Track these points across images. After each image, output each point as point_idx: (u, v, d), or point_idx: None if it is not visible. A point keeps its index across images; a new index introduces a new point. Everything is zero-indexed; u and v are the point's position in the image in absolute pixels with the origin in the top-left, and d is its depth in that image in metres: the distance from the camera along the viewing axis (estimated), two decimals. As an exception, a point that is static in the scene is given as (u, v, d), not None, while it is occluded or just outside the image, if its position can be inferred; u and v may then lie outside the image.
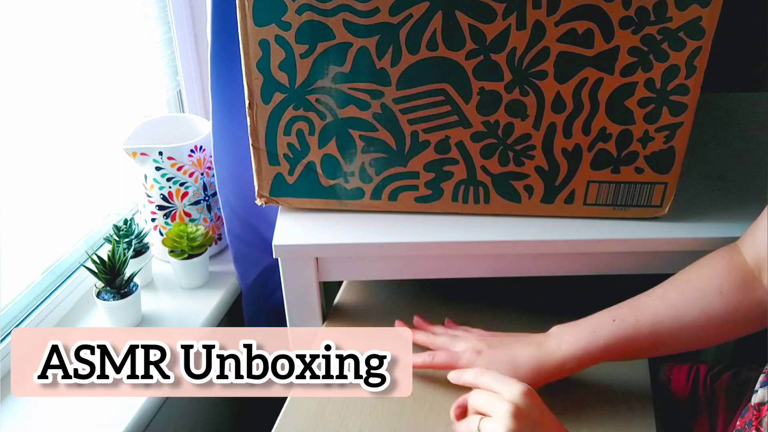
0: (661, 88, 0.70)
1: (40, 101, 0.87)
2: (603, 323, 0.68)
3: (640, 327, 0.67)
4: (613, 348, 0.67)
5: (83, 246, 0.98)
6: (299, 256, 0.77)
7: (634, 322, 0.67)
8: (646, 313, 0.68)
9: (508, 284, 0.90)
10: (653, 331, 0.67)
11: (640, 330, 0.67)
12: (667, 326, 0.67)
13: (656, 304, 0.68)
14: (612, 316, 0.69)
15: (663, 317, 0.67)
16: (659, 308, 0.68)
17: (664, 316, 0.67)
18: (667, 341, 0.68)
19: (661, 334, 0.67)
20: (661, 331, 0.67)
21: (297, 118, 0.74)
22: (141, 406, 0.81)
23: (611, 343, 0.67)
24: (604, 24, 0.67)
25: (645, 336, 0.67)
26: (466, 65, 0.70)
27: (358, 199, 0.79)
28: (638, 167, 0.75)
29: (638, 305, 0.69)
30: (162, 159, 0.95)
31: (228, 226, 0.98)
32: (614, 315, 0.69)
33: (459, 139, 0.74)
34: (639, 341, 0.67)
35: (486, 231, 0.77)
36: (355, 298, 0.91)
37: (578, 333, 0.68)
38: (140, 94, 1.04)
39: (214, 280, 1.03)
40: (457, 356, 0.70)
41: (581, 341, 0.67)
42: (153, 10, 1.03)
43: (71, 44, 0.90)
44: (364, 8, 0.67)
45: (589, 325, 0.69)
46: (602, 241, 0.76)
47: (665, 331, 0.67)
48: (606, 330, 0.67)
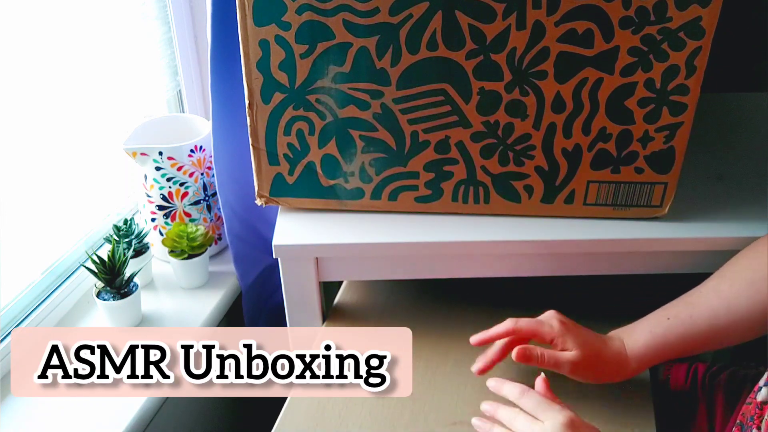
0: (661, 88, 0.70)
1: (40, 101, 0.87)
2: (658, 323, 0.69)
3: (696, 323, 0.68)
4: (671, 346, 0.68)
5: (83, 246, 0.98)
6: (299, 256, 0.77)
7: (689, 318, 0.68)
8: (700, 308, 0.68)
9: (508, 284, 0.90)
10: (709, 325, 0.67)
11: (695, 326, 0.68)
12: (722, 320, 0.67)
13: (709, 299, 0.69)
14: (666, 314, 0.69)
15: (717, 311, 0.67)
16: (712, 302, 0.68)
17: (718, 309, 0.67)
18: (721, 335, 0.68)
19: (716, 328, 0.67)
20: (717, 325, 0.67)
21: (297, 118, 0.74)
22: (141, 406, 0.81)
23: (669, 342, 0.68)
24: (604, 24, 0.67)
25: (701, 331, 0.68)
26: (466, 65, 0.70)
27: (358, 199, 0.79)
28: (638, 167, 0.75)
29: (691, 301, 0.70)
30: (162, 159, 0.95)
31: (228, 226, 0.98)
32: (669, 314, 0.69)
33: (459, 139, 0.74)
34: (695, 337, 0.68)
35: (486, 231, 0.77)
36: (355, 298, 0.91)
37: (637, 334, 0.69)
38: (140, 94, 1.04)
39: (214, 280, 1.03)
40: (540, 323, 0.69)
41: (640, 342, 0.68)
42: (153, 10, 1.03)
43: (71, 44, 0.90)
44: (364, 8, 0.67)
45: (646, 326, 0.69)
46: (602, 241, 0.76)
47: (720, 324, 0.67)
48: (662, 329, 0.68)
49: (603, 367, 0.68)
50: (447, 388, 0.74)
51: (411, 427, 0.70)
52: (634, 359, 0.68)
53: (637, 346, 0.68)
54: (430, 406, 0.72)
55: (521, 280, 0.88)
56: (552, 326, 0.68)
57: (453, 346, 0.81)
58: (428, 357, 0.79)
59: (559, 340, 0.68)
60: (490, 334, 0.70)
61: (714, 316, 0.67)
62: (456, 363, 0.78)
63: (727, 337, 0.69)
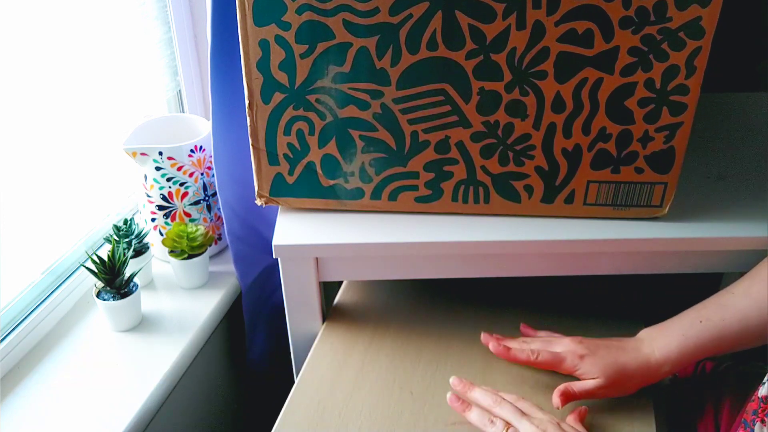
0: (661, 88, 0.70)
1: (40, 101, 0.87)
2: (691, 325, 0.69)
3: (728, 325, 0.68)
4: (703, 348, 0.69)
5: (83, 246, 0.98)
6: (299, 256, 0.77)
7: (721, 321, 0.68)
8: (731, 310, 0.69)
9: (508, 284, 0.90)
10: (741, 327, 0.68)
11: (727, 328, 0.68)
12: (753, 321, 0.68)
13: (740, 301, 0.69)
14: (698, 317, 0.70)
15: (749, 313, 0.68)
16: (744, 304, 0.69)
17: (749, 311, 0.68)
18: (753, 336, 0.69)
19: (747, 330, 0.68)
20: (748, 326, 0.68)
21: (297, 118, 0.74)
22: (141, 406, 0.81)
23: (701, 344, 0.68)
24: (604, 24, 0.67)
25: (733, 333, 0.68)
26: (466, 65, 0.70)
27: (358, 199, 0.79)
28: (638, 167, 0.75)
29: (722, 303, 0.70)
30: (162, 159, 0.95)
31: (228, 226, 0.98)
32: (701, 316, 0.70)
33: (459, 139, 0.74)
34: (727, 339, 0.69)
35: (486, 231, 0.77)
36: (355, 298, 0.91)
37: (668, 337, 0.70)
38: (140, 94, 1.04)
39: (214, 280, 1.03)
40: (560, 358, 0.70)
41: (672, 345, 0.69)
42: (153, 10, 1.03)
43: (71, 44, 0.90)
44: (364, 8, 0.67)
45: (678, 329, 0.70)
46: (602, 241, 0.76)
47: (751, 326, 0.68)
48: (695, 332, 0.69)
49: (630, 382, 0.69)
50: (447, 388, 0.74)
51: (411, 427, 0.70)
52: (667, 362, 0.69)
53: (670, 349, 0.69)
54: (430, 406, 0.72)
55: (521, 280, 0.88)
56: (572, 362, 0.70)
57: (453, 346, 0.81)
58: (428, 357, 0.79)
59: (582, 371, 0.69)
60: (509, 356, 0.72)
61: (745, 317, 0.68)
62: (456, 363, 0.78)
63: (757, 338, 0.69)
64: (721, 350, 0.70)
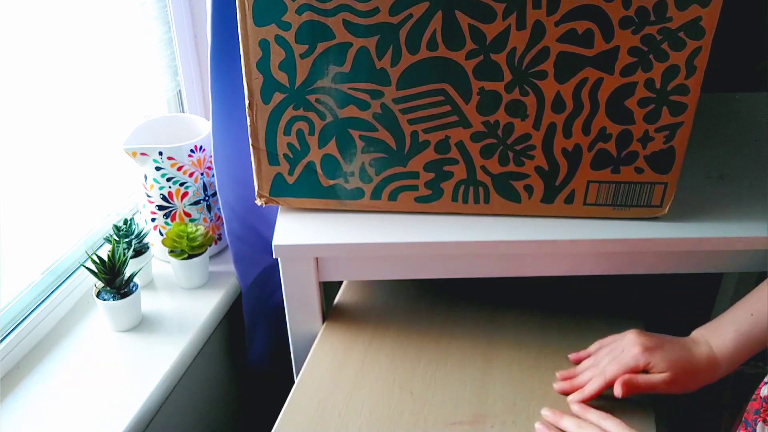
0: (661, 88, 0.70)
1: (40, 101, 0.87)
2: (744, 321, 0.69)
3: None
4: (758, 342, 0.68)
5: (83, 246, 0.98)
6: (299, 256, 0.77)
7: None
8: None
9: (508, 284, 0.90)
10: None
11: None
12: None
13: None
14: (749, 311, 0.69)
15: None
16: None
17: None
18: None
19: None
20: None
21: (297, 118, 0.74)
22: (141, 406, 0.81)
23: (755, 337, 0.68)
24: (604, 24, 0.67)
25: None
26: (466, 65, 0.70)
27: (358, 199, 0.79)
28: (638, 167, 0.75)
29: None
30: (162, 159, 0.95)
31: (228, 226, 0.98)
32: (751, 309, 0.69)
33: (459, 139, 0.74)
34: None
35: (486, 231, 0.77)
36: (355, 298, 0.91)
37: (723, 334, 0.69)
38: (140, 94, 1.04)
39: (214, 280, 1.03)
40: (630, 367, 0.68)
41: (728, 343, 0.68)
42: (153, 10, 1.03)
43: (71, 44, 0.90)
44: (364, 8, 0.67)
45: (731, 326, 0.69)
46: (602, 241, 0.76)
47: None
48: (748, 327, 0.68)
49: (696, 378, 0.68)
50: (447, 388, 0.74)
51: (411, 427, 0.70)
52: (725, 360, 0.68)
53: (726, 346, 0.68)
54: (430, 406, 0.72)
55: (521, 280, 0.88)
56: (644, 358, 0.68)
57: (453, 346, 0.81)
58: (428, 357, 0.79)
59: (652, 364, 0.68)
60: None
61: None
62: (456, 363, 0.78)
63: None
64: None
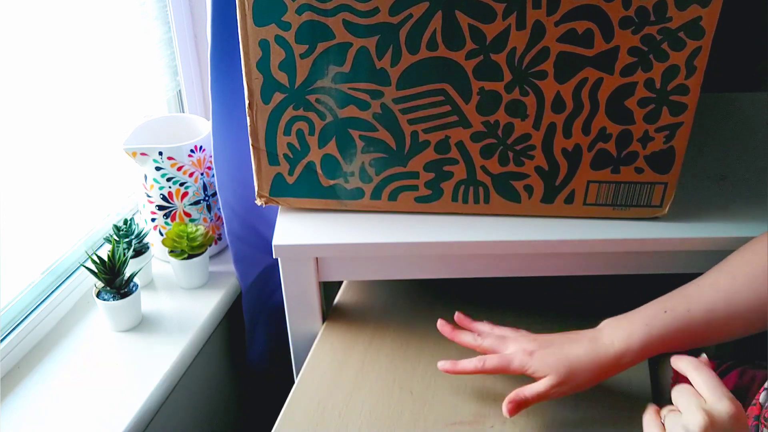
0: (661, 88, 0.70)
1: (40, 101, 0.87)
2: (655, 316, 0.68)
3: (693, 317, 0.67)
4: (667, 339, 0.67)
5: (83, 246, 0.98)
6: (299, 256, 0.77)
7: (686, 312, 0.67)
8: (698, 302, 0.67)
9: (508, 284, 0.90)
10: (707, 319, 0.67)
11: (693, 320, 0.67)
12: (720, 314, 0.67)
13: (707, 293, 0.68)
14: (663, 307, 0.68)
15: (716, 305, 0.67)
16: (711, 297, 0.67)
17: (716, 304, 0.67)
18: (719, 330, 0.67)
19: (714, 323, 0.67)
20: (715, 319, 0.67)
21: (297, 118, 0.74)
22: (141, 406, 0.81)
23: (664, 335, 0.67)
24: (604, 24, 0.67)
25: (698, 325, 0.67)
26: (466, 65, 0.70)
27: (358, 199, 0.79)
28: (638, 167, 0.75)
29: (688, 294, 0.69)
30: (162, 159, 0.95)
31: (228, 226, 0.98)
32: (665, 306, 0.68)
33: (459, 139, 0.74)
34: (692, 331, 0.67)
35: (486, 231, 0.77)
36: (355, 298, 0.91)
37: (631, 327, 0.68)
38: (140, 94, 1.04)
39: (214, 280, 1.03)
40: (508, 359, 0.68)
41: (635, 335, 0.67)
42: (153, 10, 1.03)
43: (71, 44, 0.90)
44: (364, 8, 0.67)
45: (641, 319, 0.68)
46: (602, 241, 0.76)
47: (719, 319, 0.67)
48: (659, 322, 0.67)
49: (584, 376, 0.66)
50: (447, 388, 0.74)
51: (411, 427, 0.70)
52: (630, 353, 0.67)
53: (632, 339, 0.67)
54: (430, 406, 0.72)
55: (521, 280, 0.88)
56: (522, 361, 0.67)
57: (453, 346, 0.81)
58: (428, 357, 0.79)
59: (532, 370, 0.67)
60: (457, 369, 0.70)
61: (712, 310, 0.67)
62: (456, 363, 0.78)
63: (725, 332, 0.68)
64: (686, 344, 0.68)
